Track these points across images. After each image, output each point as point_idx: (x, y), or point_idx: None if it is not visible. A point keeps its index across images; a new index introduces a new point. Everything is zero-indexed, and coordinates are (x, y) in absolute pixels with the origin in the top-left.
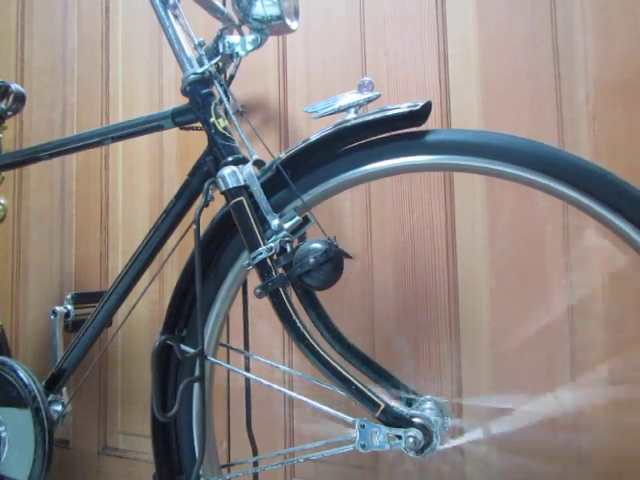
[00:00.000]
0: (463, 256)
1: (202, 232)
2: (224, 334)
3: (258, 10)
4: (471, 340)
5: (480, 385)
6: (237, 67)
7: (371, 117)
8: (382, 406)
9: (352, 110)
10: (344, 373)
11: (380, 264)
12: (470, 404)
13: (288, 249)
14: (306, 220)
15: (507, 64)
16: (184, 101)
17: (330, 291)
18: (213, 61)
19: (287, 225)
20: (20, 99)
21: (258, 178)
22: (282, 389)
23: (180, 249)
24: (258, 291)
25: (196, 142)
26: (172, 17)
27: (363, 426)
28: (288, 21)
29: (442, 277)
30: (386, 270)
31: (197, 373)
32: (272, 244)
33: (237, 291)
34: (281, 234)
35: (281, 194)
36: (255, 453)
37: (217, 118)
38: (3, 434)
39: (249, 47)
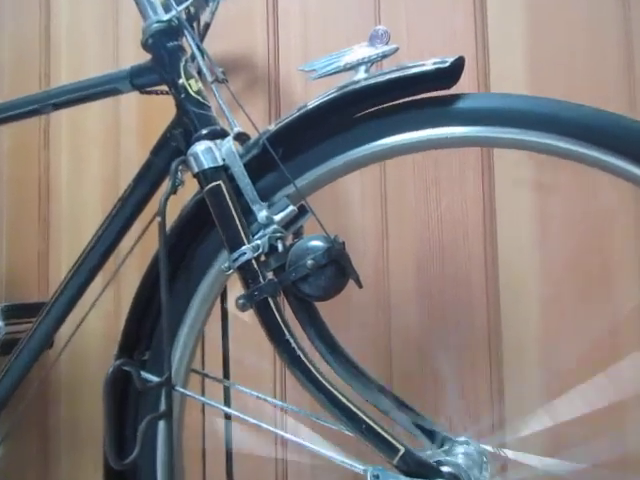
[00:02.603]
0: (506, 257)
1: (169, 226)
2: (198, 357)
3: None
4: (516, 363)
5: (528, 420)
6: (214, 13)
7: (386, 77)
8: (401, 451)
9: (362, 68)
10: (352, 408)
11: (398, 268)
12: (515, 445)
13: (280, 248)
14: (303, 211)
15: (561, 10)
16: (146, 57)
17: (334, 302)
18: (183, 5)
19: (278, 217)
20: None
21: (241, 157)
22: (272, 428)
23: (141, 248)
24: (241, 302)
25: (161, 111)
26: None
27: (377, 477)
28: None
29: (479, 284)
30: (406, 275)
31: (163, 408)
32: (259, 241)
33: (214, 302)
34: (270, 229)
35: (270, 178)
36: None
37: (188, 79)
38: None
39: None
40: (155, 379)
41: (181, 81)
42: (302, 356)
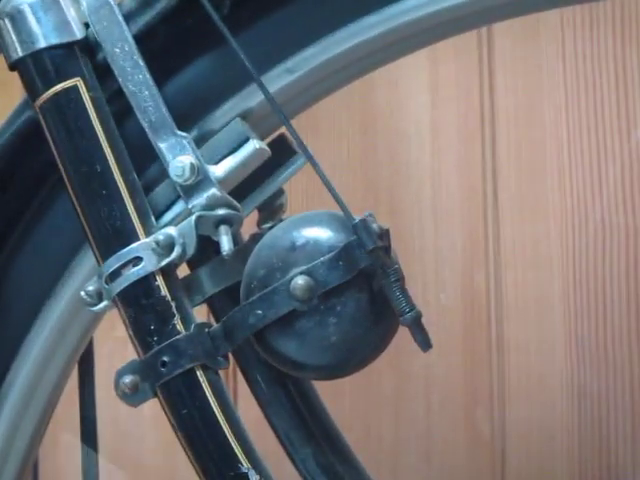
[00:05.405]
0: None
1: None
2: None
3: None
4: None
5: None
6: None
7: None
8: None
9: None
10: None
11: (529, 301)
12: None
13: (226, 246)
14: (284, 153)
15: None
16: None
17: (361, 380)
18: None
19: (221, 169)
20: None
21: (128, 17)
22: None
23: None
24: (129, 381)
25: None
26: None
27: None
28: None
29: None
30: (544, 315)
31: None
32: (172, 230)
33: (63, 382)
34: (202, 198)
35: (200, 71)
36: None
37: None
38: None
39: None
40: None
41: None
42: None
